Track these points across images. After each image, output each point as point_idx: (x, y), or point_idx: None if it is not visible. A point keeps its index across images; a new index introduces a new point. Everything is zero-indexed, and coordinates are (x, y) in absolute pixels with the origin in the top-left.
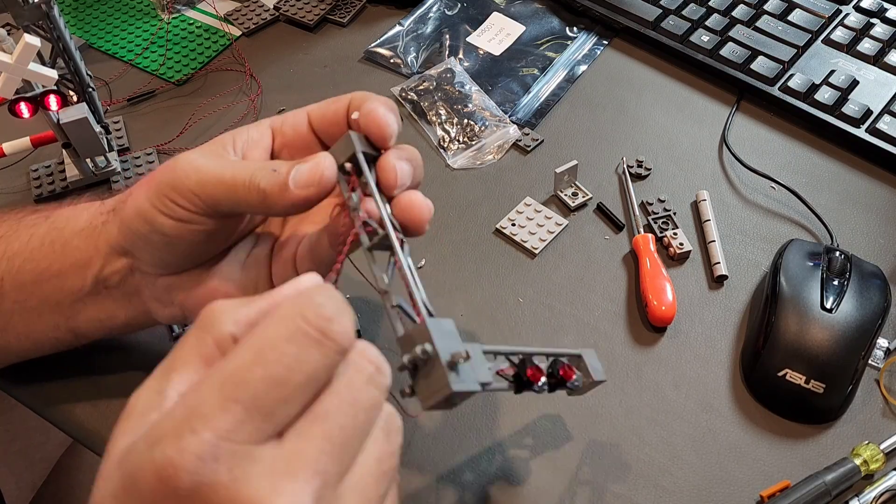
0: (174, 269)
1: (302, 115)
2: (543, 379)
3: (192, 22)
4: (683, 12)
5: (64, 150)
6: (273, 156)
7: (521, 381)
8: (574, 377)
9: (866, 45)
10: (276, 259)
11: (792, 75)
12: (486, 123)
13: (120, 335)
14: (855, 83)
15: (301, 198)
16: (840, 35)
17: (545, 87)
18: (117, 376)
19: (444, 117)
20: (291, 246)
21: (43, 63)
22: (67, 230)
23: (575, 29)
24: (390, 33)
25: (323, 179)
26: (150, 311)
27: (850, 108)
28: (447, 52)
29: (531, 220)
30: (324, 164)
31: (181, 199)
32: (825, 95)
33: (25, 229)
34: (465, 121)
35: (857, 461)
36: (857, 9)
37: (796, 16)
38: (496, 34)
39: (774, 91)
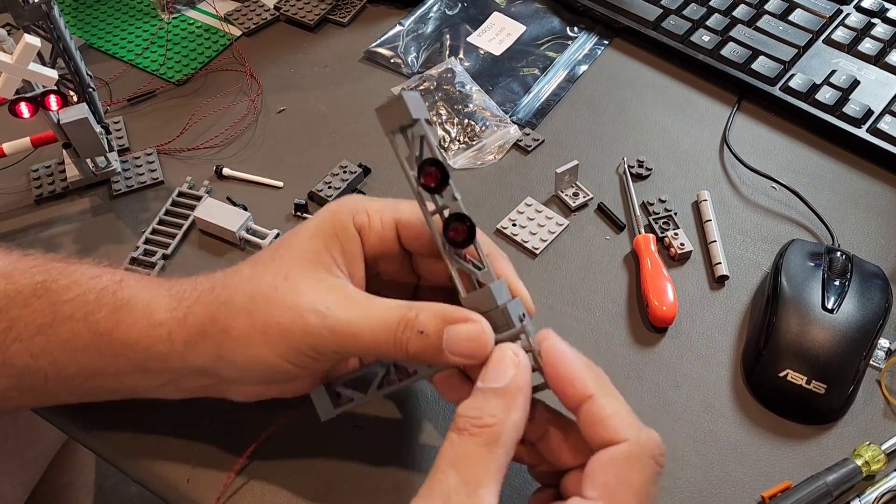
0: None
1: (389, 223)
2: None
3: (192, 22)
4: (684, 12)
5: (64, 151)
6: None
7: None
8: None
9: (867, 45)
10: None
11: (793, 75)
12: (487, 123)
13: None
14: (856, 83)
15: (455, 364)
16: (841, 35)
17: (546, 86)
18: None
19: (444, 117)
20: None
21: (43, 63)
22: (116, 339)
23: (575, 29)
24: (391, 33)
25: (484, 353)
26: (225, 393)
27: (851, 108)
28: (447, 52)
29: (532, 220)
30: (486, 338)
31: (319, 356)
32: (826, 95)
33: (62, 324)
34: (466, 121)
35: (859, 462)
36: (858, 9)
37: (797, 16)
38: (497, 34)
39: (775, 91)
